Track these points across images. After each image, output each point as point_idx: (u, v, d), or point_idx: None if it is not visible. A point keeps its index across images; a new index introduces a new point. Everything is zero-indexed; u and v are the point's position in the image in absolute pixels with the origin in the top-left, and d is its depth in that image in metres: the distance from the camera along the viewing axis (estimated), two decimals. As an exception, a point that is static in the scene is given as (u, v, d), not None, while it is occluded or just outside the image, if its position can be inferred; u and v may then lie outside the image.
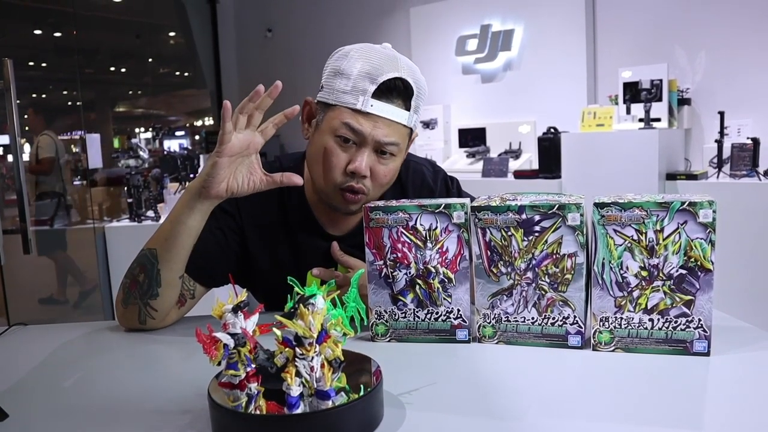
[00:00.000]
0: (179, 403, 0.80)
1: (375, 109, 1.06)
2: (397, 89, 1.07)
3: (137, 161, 3.44)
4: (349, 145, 1.09)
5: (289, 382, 0.66)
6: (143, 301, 1.09)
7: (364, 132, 1.07)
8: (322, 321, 0.67)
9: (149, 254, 1.08)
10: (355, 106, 1.06)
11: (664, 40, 4.01)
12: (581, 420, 0.72)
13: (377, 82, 1.05)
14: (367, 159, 1.08)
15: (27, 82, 5.12)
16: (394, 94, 1.07)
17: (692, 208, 0.86)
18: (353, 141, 1.08)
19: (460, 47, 4.92)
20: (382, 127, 1.07)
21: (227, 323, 0.67)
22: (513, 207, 0.94)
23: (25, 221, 1.43)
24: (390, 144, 1.09)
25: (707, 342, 0.89)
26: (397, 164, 1.14)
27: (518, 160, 4.45)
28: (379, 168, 1.10)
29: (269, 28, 6.60)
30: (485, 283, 0.97)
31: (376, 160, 1.10)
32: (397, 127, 1.09)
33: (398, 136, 1.09)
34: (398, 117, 1.08)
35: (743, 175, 3.35)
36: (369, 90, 1.05)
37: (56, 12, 5.44)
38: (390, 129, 1.08)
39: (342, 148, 1.09)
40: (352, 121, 1.06)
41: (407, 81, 1.07)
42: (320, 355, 0.67)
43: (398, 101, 1.08)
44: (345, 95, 1.07)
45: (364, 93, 1.05)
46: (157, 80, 8.12)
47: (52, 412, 0.81)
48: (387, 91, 1.06)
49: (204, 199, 1.04)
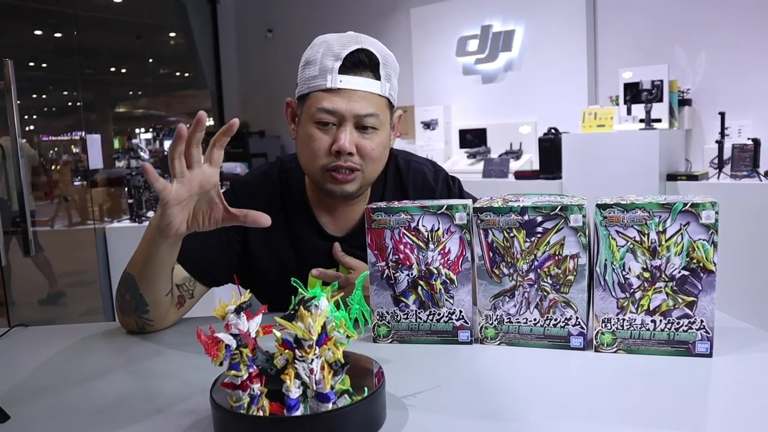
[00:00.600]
0: (182, 404, 0.80)
1: (344, 83, 1.06)
2: (363, 61, 1.07)
3: (138, 162, 3.44)
4: (330, 128, 1.09)
5: (288, 384, 0.66)
6: (137, 314, 1.08)
7: (340, 109, 1.07)
8: (322, 323, 0.67)
9: (129, 279, 1.06)
10: (325, 86, 1.07)
11: (665, 41, 4.01)
12: (583, 421, 0.72)
13: (341, 57, 1.06)
14: (350, 136, 1.08)
15: (27, 83, 5.12)
16: (360, 67, 1.07)
17: (695, 209, 0.86)
18: (332, 122, 1.09)
19: (461, 48, 4.92)
20: (356, 101, 1.07)
21: (230, 324, 0.67)
22: (515, 208, 0.93)
23: (26, 222, 1.42)
24: (368, 116, 1.08)
25: (709, 343, 0.88)
26: (383, 138, 1.13)
27: (519, 160, 4.45)
28: (365, 143, 1.10)
29: (269, 29, 6.61)
30: (487, 285, 0.97)
31: (359, 136, 1.10)
32: (371, 98, 1.09)
33: (376, 107, 1.09)
34: (370, 87, 1.08)
35: (744, 175, 3.35)
36: (335, 67, 1.06)
37: (57, 12, 5.44)
38: (365, 101, 1.08)
39: (323, 131, 1.09)
40: (326, 103, 1.07)
41: (370, 51, 1.08)
42: (320, 358, 0.67)
43: (366, 72, 1.08)
44: (314, 80, 1.08)
45: (331, 71, 1.06)
46: (158, 81, 8.12)
47: (53, 414, 0.80)
48: (352, 65, 1.07)
49: (166, 237, 0.97)
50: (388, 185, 1.25)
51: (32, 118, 6.06)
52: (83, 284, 3.96)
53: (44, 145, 6.17)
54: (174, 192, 0.90)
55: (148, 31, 7.64)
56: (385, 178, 1.25)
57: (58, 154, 6.06)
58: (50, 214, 4.43)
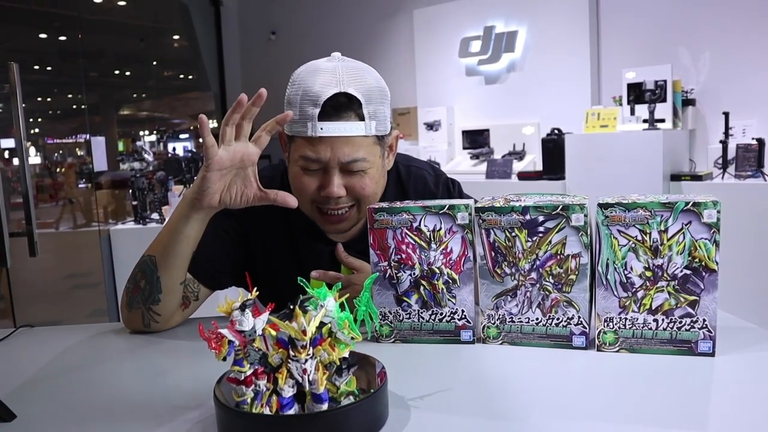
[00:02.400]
0: (186, 403, 0.80)
1: (325, 131, 1.03)
2: (343, 104, 1.03)
3: (142, 164, 3.45)
4: (316, 171, 1.08)
5: (280, 383, 0.67)
6: (146, 305, 1.09)
7: (323, 159, 1.05)
8: (318, 324, 0.67)
9: (149, 261, 1.08)
10: (306, 134, 1.04)
11: (668, 41, 4.01)
12: (585, 420, 0.72)
13: (319, 104, 1.02)
14: (337, 180, 1.07)
15: (32, 86, 5.14)
16: (341, 110, 1.04)
17: (696, 208, 0.86)
18: (318, 168, 1.08)
19: (464, 49, 4.92)
20: (339, 147, 1.04)
21: (234, 320, 0.68)
22: (517, 208, 0.94)
23: (32, 224, 1.43)
24: (354, 161, 1.06)
25: (712, 342, 0.89)
26: (374, 174, 1.10)
27: (522, 161, 4.45)
28: (355, 183, 1.08)
29: (273, 31, 6.62)
30: (489, 284, 0.97)
31: (348, 178, 1.08)
32: (356, 141, 1.05)
33: (362, 151, 1.06)
34: (352, 131, 1.04)
35: (748, 175, 3.34)
36: (314, 114, 1.02)
37: (61, 16, 5.46)
38: (349, 146, 1.05)
39: (309, 174, 1.09)
40: (309, 152, 1.05)
41: (349, 93, 1.03)
42: (314, 358, 0.67)
43: (348, 115, 1.04)
44: (296, 125, 1.06)
45: (312, 119, 1.03)
46: (162, 83, 8.15)
47: (58, 413, 0.81)
48: (332, 110, 1.03)
49: (199, 209, 1.02)
50: (389, 191, 1.24)
51: (37, 121, 6.09)
52: (88, 286, 3.98)
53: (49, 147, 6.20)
54: (219, 155, 0.97)
55: (152, 33, 7.66)
56: (386, 185, 1.24)
57: (63, 156, 6.08)
58: (55, 216, 4.45)
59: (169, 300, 1.10)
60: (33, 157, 5.39)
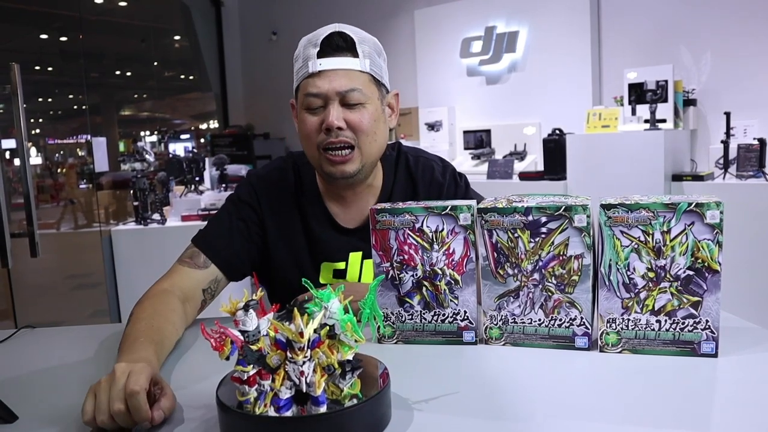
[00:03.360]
0: (189, 404, 0.80)
1: (324, 65, 1.11)
2: (339, 44, 1.13)
3: (143, 164, 3.45)
4: (318, 110, 1.14)
5: (276, 384, 0.67)
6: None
7: (323, 89, 1.12)
8: (316, 326, 0.67)
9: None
10: (308, 72, 1.12)
11: (670, 41, 4.00)
12: (588, 421, 0.72)
13: (317, 43, 1.12)
14: (336, 112, 1.12)
15: (34, 86, 5.14)
16: (337, 49, 1.13)
17: (699, 209, 0.86)
18: (320, 105, 1.13)
19: (465, 49, 4.92)
20: (337, 79, 1.12)
21: (238, 320, 0.68)
22: (519, 209, 0.94)
23: (33, 225, 1.43)
24: (351, 90, 1.12)
25: (715, 343, 0.88)
26: (372, 112, 1.15)
27: (523, 161, 4.44)
28: (353, 116, 1.13)
29: (274, 31, 6.62)
30: (492, 285, 0.97)
31: (347, 111, 1.13)
32: (352, 74, 1.13)
33: (358, 82, 1.13)
34: (348, 64, 1.12)
35: (750, 175, 3.34)
36: (313, 53, 1.12)
37: (62, 17, 5.47)
38: (346, 79, 1.12)
39: (313, 113, 1.15)
40: (310, 87, 1.12)
41: (344, 33, 1.13)
42: (312, 360, 0.67)
43: (344, 53, 1.13)
44: (300, 71, 1.15)
45: (312, 57, 1.12)
46: (162, 84, 8.15)
47: (60, 414, 0.81)
48: (330, 48, 1.12)
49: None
50: (399, 178, 1.28)
51: (38, 122, 6.09)
52: (89, 286, 3.99)
53: (50, 148, 6.20)
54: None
55: (153, 34, 7.67)
56: (395, 173, 1.28)
57: (64, 157, 6.09)
58: (56, 216, 4.45)
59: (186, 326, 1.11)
60: (34, 158, 5.40)
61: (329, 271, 1.23)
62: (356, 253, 1.23)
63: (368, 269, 1.22)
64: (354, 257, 1.23)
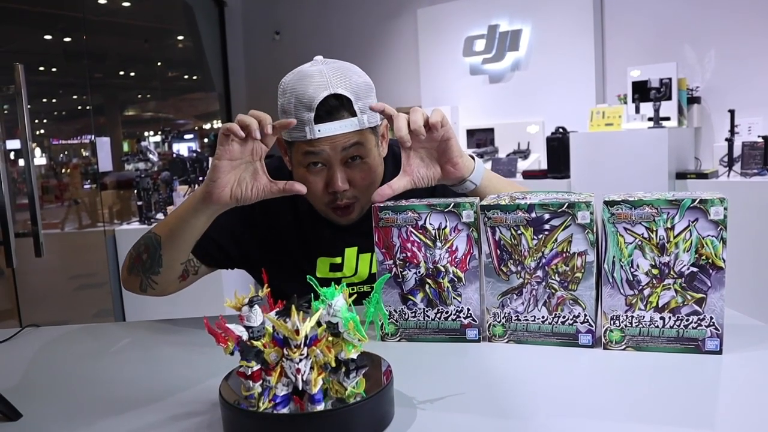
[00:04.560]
0: (192, 401, 0.80)
1: (323, 132, 1.09)
2: (335, 106, 1.09)
3: (147, 164, 3.46)
4: (320, 168, 1.14)
5: (272, 381, 0.67)
6: (146, 275, 1.16)
7: (325, 153, 1.11)
8: (313, 324, 0.67)
9: (154, 239, 1.14)
10: (305, 138, 1.10)
11: (673, 39, 3.99)
12: (592, 419, 0.72)
13: (312, 107, 1.08)
14: (341, 174, 1.12)
15: (37, 87, 5.16)
16: (334, 112, 1.09)
17: (703, 205, 0.86)
18: (320, 164, 1.13)
19: (468, 48, 4.92)
20: (338, 140, 1.11)
21: (243, 316, 0.68)
22: (522, 206, 0.93)
23: (37, 225, 1.44)
24: (352, 146, 1.12)
25: (719, 340, 0.88)
26: (372, 161, 1.16)
27: (527, 160, 4.44)
28: (356, 175, 1.15)
29: (277, 31, 6.63)
30: (495, 282, 0.97)
31: (350, 170, 1.14)
32: (352, 134, 1.11)
33: (358, 137, 1.12)
34: (347, 128, 1.10)
35: (754, 173, 3.33)
36: (310, 119, 1.08)
37: (66, 17, 5.48)
38: (346, 139, 1.11)
39: (315, 173, 1.14)
40: (311, 149, 1.11)
41: (339, 94, 1.09)
42: (309, 358, 0.67)
43: (341, 114, 1.10)
44: (294, 131, 1.11)
45: (308, 123, 1.09)
46: (166, 84, 8.17)
47: (64, 412, 0.81)
48: (326, 113, 1.09)
49: (209, 204, 1.06)
50: (387, 170, 1.27)
51: (42, 122, 6.11)
52: (93, 286, 3.99)
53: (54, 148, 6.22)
54: (231, 144, 1.01)
55: (156, 34, 7.68)
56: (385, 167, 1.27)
57: (68, 157, 6.10)
58: (61, 216, 4.46)
59: (168, 274, 1.16)
60: (38, 158, 5.42)
61: (326, 265, 1.25)
62: (351, 248, 1.25)
63: (364, 263, 1.25)
64: (349, 252, 1.25)
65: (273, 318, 0.68)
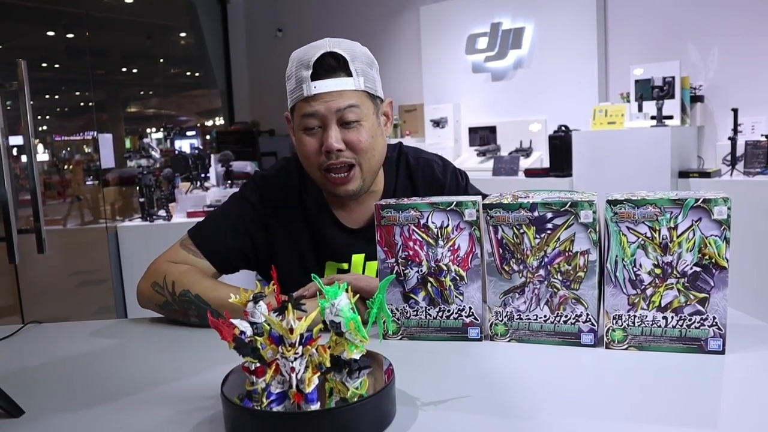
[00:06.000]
0: (194, 398, 0.80)
1: (318, 88, 1.11)
2: (331, 65, 1.12)
3: (149, 161, 3.46)
4: (316, 131, 1.14)
5: (267, 378, 0.67)
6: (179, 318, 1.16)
7: (319, 111, 1.12)
8: (309, 324, 0.67)
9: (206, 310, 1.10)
10: (303, 95, 1.12)
11: (677, 37, 3.98)
12: (594, 419, 0.72)
13: (310, 65, 1.11)
14: (334, 133, 1.12)
15: (40, 83, 5.16)
16: (330, 70, 1.11)
17: (706, 205, 0.85)
18: (317, 126, 1.13)
19: (470, 45, 4.91)
20: (333, 100, 1.11)
21: (247, 312, 0.68)
22: (525, 204, 0.93)
23: (39, 221, 1.43)
24: (347, 108, 1.11)
25: (722, 340, 0.88)
26: (370, 128, 1.15)
27: (529, 158, 4.43)
28: (351, 136, 1.13)
29: (279, 28, 6.62)
30: (497, 281, 0.97)
31: (345, 131, 1.13)
32: (348, 94, 1.12)
33: (354, 101, 1.12)
34: (343, 85, 1.11)
35: (757, 172, 3.32)
36: (307, 76, 1.11)
37: (68, 14, 5.48)
38: (342, 98, 1.11)
39: (310, 135, 1.15)
40: (307, 109, 1.12)
41: (335, 52, 1.12)
42: (303, 357, 0.67)
43: (338, 73, 1.12)
44: (294, 92, 1.14)
45: (306, 80, 1.11)
46: (168, 81, 8.17)
47: (66, 409, 0.81)
48: (323, 70, 1.11)
49: None
50: (400, 180, 1.28)
51: (45, 119, 6.12)
52: (95, 283, 4.00)
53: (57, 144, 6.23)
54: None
55: (159, 31, 7.68)
56: (397, 174, 1.28)
57: (71, 153, 6.11)
58: (63, 213, 4.47)
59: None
60: (41, 155, 5.42)
61: (333, 270, 1.25)
62: (359, 255, 1.24)
63: (371, 271, 1.23)
64: (357, 259, 1.24)
65: (269, 315, 0.68)
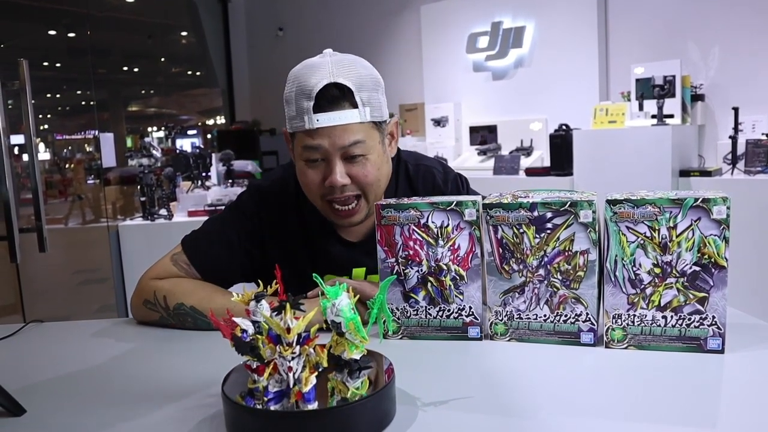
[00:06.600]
0: (195, 397, 0.81)
1: (321, 122, 1.05)
2: (335, 96, 1.05)
3: (150, 160, 3.46)
4: (319, 163, 1.09)
5: (264, 377, 0.67)
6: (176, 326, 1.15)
7: (323, 147, 1.06)
8: (306, 323, 0.67)
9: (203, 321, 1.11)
10: (304, 127, 1.06)
11: (677, 36, 3.98)
12: (593, 418, 0.72)
13: (312, 96, 1.04)
14: (339, 168, 1.08)
15: (42, 83, 5.17)
16: (334, 102, 1.05)
17: (706, 204, 0.86)
18: (320, 158, 1.09)
19: (471, 44, 4.90)
20: (337, 134, 1.06)
21: (249, 310, 0.68)
22: (525, 204, 0.93)
23: (41, 220, 1.44)
24: (352, 145, 1.07)
25: (721, 339, 0.88)
26: (375, 160, 1.11)
27: (530, 157, 4.43)
28: (357, 171, 1.09)
29: (280, 27, 6.62)
30: (497, 281, 0.97)
31: (350, 166, 1.09)
32: (352, 127, 1.06)
33: (360, 134, 1.07)
34: (348, 119, 1.05)
35: (758, 171, 3.32)
36: (309, 107, 1.04)
37: (70, 13, 5.48)
38: (347, 132, 1.06)
39: (313, 167, 1.10)
40: (309, 142, 1.07)
41: (339, 83, 1.05)
42: (301, 357, 0.67)
43: (341, 104, 1.05)
44: (294, 121, 1.08)
45: (307, 112, 1.05)
46: (169, 80, 8.18)
47: (67, 408, 0.82)
48: (326, 102, 1.05)
49: None
50: (400, 190, 1.24)
51: (46, 118, 6.12)
52: (96, 281, 4.01)
53: (58, 144, 6.24)
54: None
55: (160, 30, 7.69)
56: (396, 183, 1.25)
57: (72, 152, 6.11)
58: (64, 212, 4.48)
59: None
60: (42, 154, 5.43)
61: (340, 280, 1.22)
62: (360, 269, 1.21)
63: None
64: (357, 272, 1.20)
65: (267, 315, 0.68)
